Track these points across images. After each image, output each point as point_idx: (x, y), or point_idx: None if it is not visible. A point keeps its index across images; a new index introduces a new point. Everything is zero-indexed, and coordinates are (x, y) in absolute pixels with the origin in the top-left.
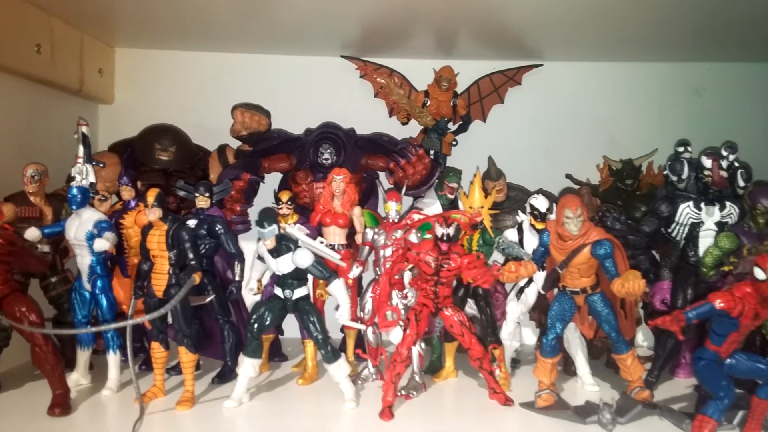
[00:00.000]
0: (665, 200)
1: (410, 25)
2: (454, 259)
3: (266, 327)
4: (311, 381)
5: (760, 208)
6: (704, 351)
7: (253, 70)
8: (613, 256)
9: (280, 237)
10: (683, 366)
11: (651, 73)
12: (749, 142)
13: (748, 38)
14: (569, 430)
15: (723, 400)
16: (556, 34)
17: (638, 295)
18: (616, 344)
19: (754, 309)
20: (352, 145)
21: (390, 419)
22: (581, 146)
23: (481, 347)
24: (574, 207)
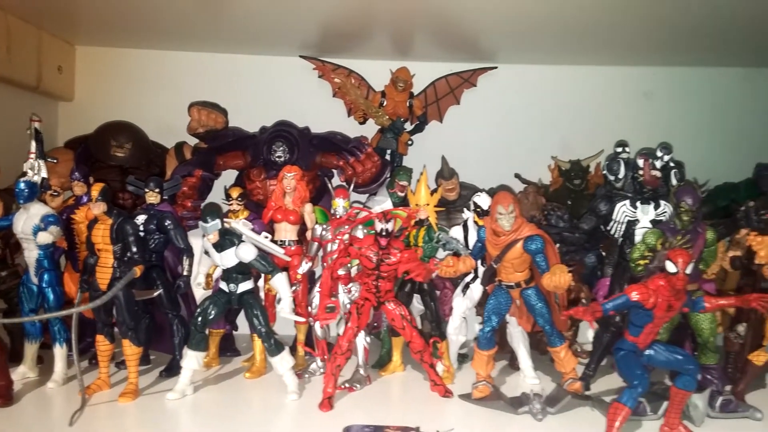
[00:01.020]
0: (603, 199)
1: (368, 27)
2: (394, 254)
3: (210, 321)
4: (258, 375)
5: (684, 206)
6: (623, 342)
7: (213, 68)
8: (544, 251)
9: (223, 232)
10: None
11: (601, 76)
12: (695, 144)
13: (693, 45)
14: (503, 419)
15: (637, 388)
16: (510, 38)
17: (565, 288)
18: (550, 337)
19: (667, 301)
20: (306, 144)
21: (329, 410)
22: (535, 147)
23: (422, 340)
24: (506, 203)
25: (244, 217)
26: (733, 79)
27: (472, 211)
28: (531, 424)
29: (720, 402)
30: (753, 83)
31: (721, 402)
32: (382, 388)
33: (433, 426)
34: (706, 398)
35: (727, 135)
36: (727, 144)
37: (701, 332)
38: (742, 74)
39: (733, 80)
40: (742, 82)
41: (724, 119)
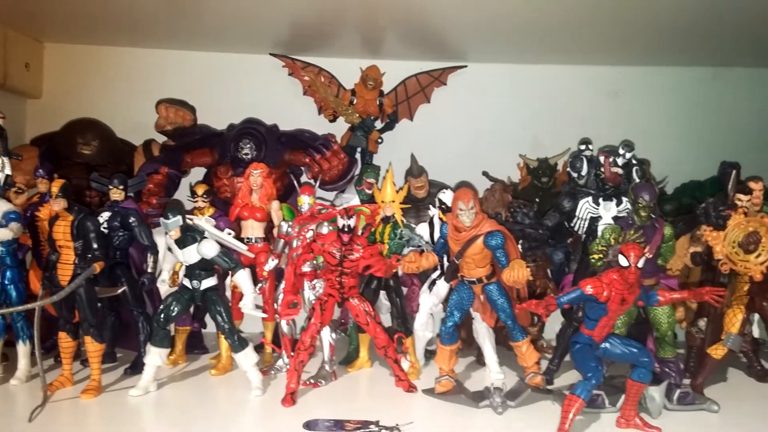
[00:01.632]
0: (567, 196)
1: (338, 25)
2: (356, 250)
3: (172, 317)
4: (224, 372)
5: (641, 202)
6: (579, 335)
7: (183, 66)
8: (504, 247)
9: (185, 228)
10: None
11: (570, 75)
12: (662, 142)
13: (661, 44)
14: (465, 413)
15: (591, 380)
16: (480, 37)
17: (523, 283)
18: (512, 332)
19: (620, 294)
20: (274, 141)
21: (291, 405)
22: (505, 145)
23: (386, 336)
24: (466, 200)
25: (209, 214)
26: (699, 78)
27: (437, 207)
28: (491, 418)
29: (677, 394)
30: (719, 82)
31: (678, 394)
32: (347, 384)
33: (393, 420)
34: (663, 391)
35: (694, 134)
36: (693, 142)
37: (659, 326)
38: (709, 73)
39: (700, 79)
40: (708, 81)
41: (691, 118)
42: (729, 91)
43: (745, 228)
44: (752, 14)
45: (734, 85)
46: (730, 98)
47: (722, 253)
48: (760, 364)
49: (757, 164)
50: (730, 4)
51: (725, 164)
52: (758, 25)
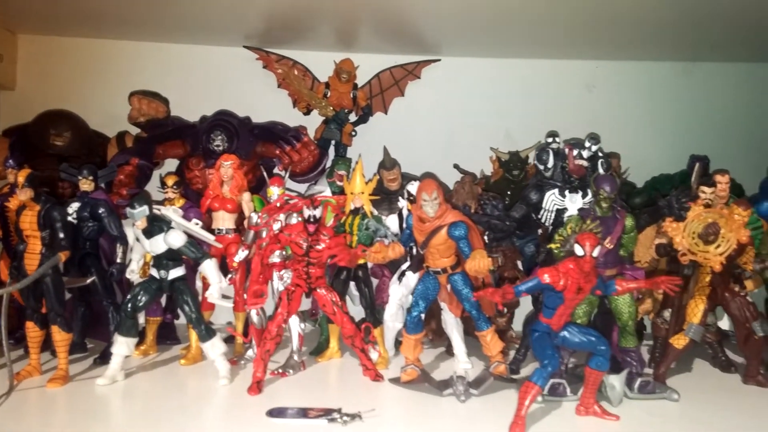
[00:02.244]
0: (534, 188)
1: (312, 18)
2: (323, 241)
3: (139, 307)
4: (194, 362)
5: (603, 193)
6: (538, 324)
7: (158, 58)
8: (468, 237)
9: (152, 218)
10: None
11: (545, 69)
12: (635, 135)
13: (635, 38)
14: (429, 401)
15: (547, 368)
16: (453, 31)
17: (485, 272)
18: (477, 321)
19: (576, 283)
20: (247, 133)
21: (257, 394)
22: (479, 139)
23: (352, 326)
24: (429, 190)
25: (180, 205)
26: (672, 72)
27: (406, 199)
28: (454, 405)
29: (638, 383)
30: (691, 77)
31: (639, 383)
32: (316, 374)
33: (357, 408)
34: (623, 379)
35: (666, 127)
36: (665, 136)
37: (620, 315)
38: (681, 68)
39: (673, 73)
40: (681, 75)
41: (662, 112)
42: (699, 85)
43: (704, 219)
44: (722, 10)
45: (705, 80)
46: (700, 92)
47: (682, 244)
48: (725, 355)
49: (726, 157)
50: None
51: (694, 158)
52: (728, 20)
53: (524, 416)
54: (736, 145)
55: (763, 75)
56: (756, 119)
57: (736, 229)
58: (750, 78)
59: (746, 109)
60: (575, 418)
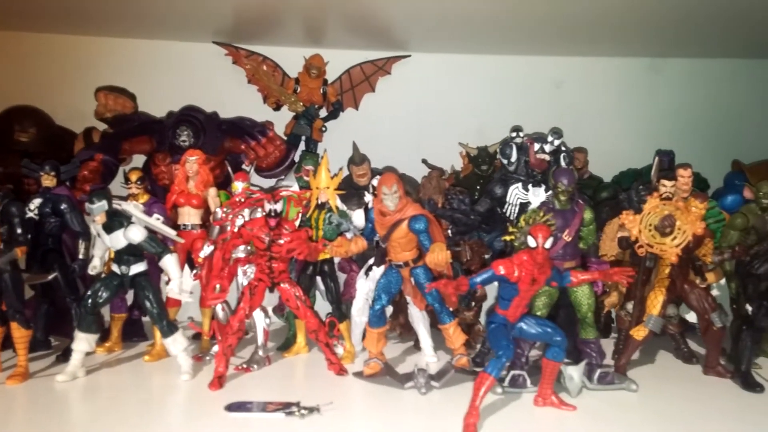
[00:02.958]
0: (498, 182)
1: (281, 14)
2: (285, 235)
3: (100, 303)
4: (158, 358)
5: (560, 186)
6: (495, 315)
7: (126, 54)
8: (428, 230)
9: (112, 213)
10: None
11: (514, 65)
12: (604, 131)
13: (602, 35)
14: (391, 394)
15: (501, 359)
16: (422, 27)
17: (443, 266)
18: (439, 315)
19: (530, 274)
20: (214, 129)
21: (217, 389)
22: (450, 134)
23: (316, 320)
24: (389, 184)
25: (144, 200)
26: (639, 68)
27: (371, 194)
28: (416, 398)
29: (598, 374)
30: (658, 73)
31: (598, 374)
32: (280, 369)
33: (317, 402)
34: (582, 370)
35: (634, 122)
36: (633, 131)
37: (580, 307)
38: (647, 64)
39: (640, 70)
40: (647, 71)
41: (630, 107)
42: (667, 81)
43: (660, 212)
44: (688, 7)
45: (672, 76)
46: (667, 88)
47: (639, 236)
48: (687, 346)
49: (692, 152)
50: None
51: (660, 152)
52: (694, 17)
53: (478, 406)
54: (702, 140)
55: (729, 71)
56: (722, 115)
57: (691, 222)
58: (716, 74)
59: (712, 104)
60: (533, 409)
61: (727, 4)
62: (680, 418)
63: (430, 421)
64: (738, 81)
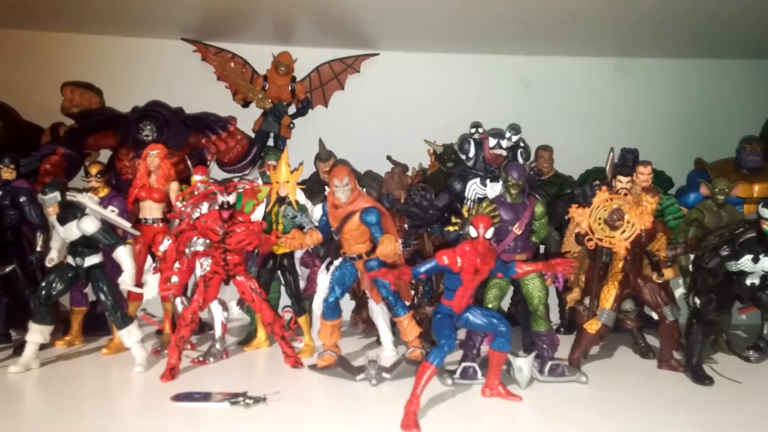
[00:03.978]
0: (457, 177)
1: (249, 11)
2: (238, 227)
3: (54, 295)
4: (116, 351)
5: (511, 180)
6: (441, 306)
7: (95, 51)
8: (380, 223)
9: (65, 205)
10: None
11: (482, 64)
12: (570, 130)
13: (570, 35)
14: (342, 386)
15: (443, 348)
16: (392, 25)
17: (392, 257)
18: (394, 307)
19: (473, 265)
20: (179, 124)
21: (169, 381)
22: (419, 132)
23: (271, 312)
24: (340, 176)
25: (104, 194)
26: (606, 68)
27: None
28: (367, 389)
29: (548, 367)
30: (625, 72)
31: (549, 366)
32: (237, 362)
33: (266, 392)
34: (531, 362)
35: (601, 121)
36: (600, 130)
37: (531, 300)
38: (614, 63)
39: (607, 69)
40: (614, 71)
41: (596, 106)
42: (631, 80)
43: (609, 205)
44: (653, 7)
45: (637, 75)
46: (633, 87)
47: (588, 229)
48: (645, 341)
49: (657, 151)
50: None
51: (624, 151)
52: (659, 17)
53: (419, 395)
54: (667, 138)
55: (694, 70)
56: (686, 114)
57: (639, 215)
58: (681, 73)
59: (677, 103)
60: (481, 400)
61: (692, 5)
62: (626, 410)
63: (376, 410)
64: (703, 80)
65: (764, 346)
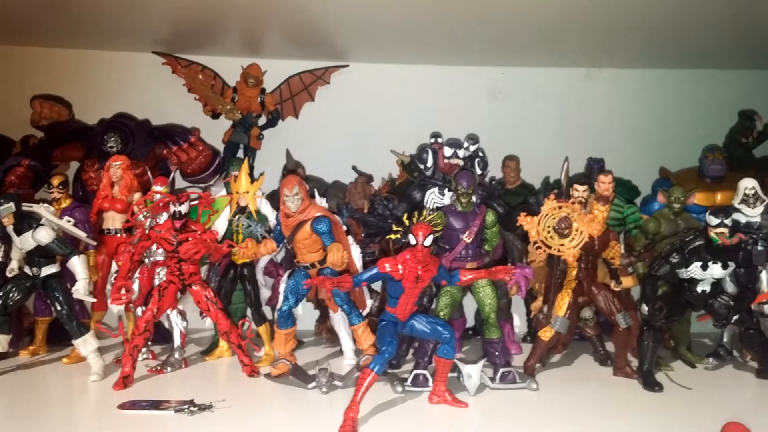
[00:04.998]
0: (416, 187)
1: (219, 23)
2: (192, 236)
3: (11, 305)
4: (77, 360)
5: (460, 188)
6: (385, 313)
7: (67, 64)
8: (331, 231)
9: (21, 215)
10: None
11: (450, 75)
12: (538, 140)
13: (537, 46)
14: (294, 394)
15: (384, 355)
16: (361, 37)
17: (340, 266)
18: (349, 316)
19: (414, 272)
20: (144, 135)
21: (121, 389)
22: (389, 143)
23: (227, 321)
24: (290, 186)
25: (66, 204)
26: (575, 78)
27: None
28: (318, 397)
29: (500, 374)
30: (593, 82)
31: (501, 374)
32: (196, 371)
33: (215, 399)
34: (480, 369)
35: (570, 131)
36: (569, 140)
37: (482, 308)
38: (582, 74)
39: (576, 79)
40: (583, 81)
41: (564, 116)
42: (600, 90)
43: (557, 213)
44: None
45: (605, 85)
46: (600, 97)
47: (536, 237)
48: (604, 349)
49: (624, 160)
50: (599, 7)
51: (591, 160)
52: (627, 27)
53: (359, 401)
54: (634, 147)
55: (661, 80)
56: (653, 123)
57: (588, 223)
58: (649, 83)
59: (645, 113)
60: (429, 407)
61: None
62: (573, 417)
63: (322, 418)
64: (670, 90)
65: (723, 354)
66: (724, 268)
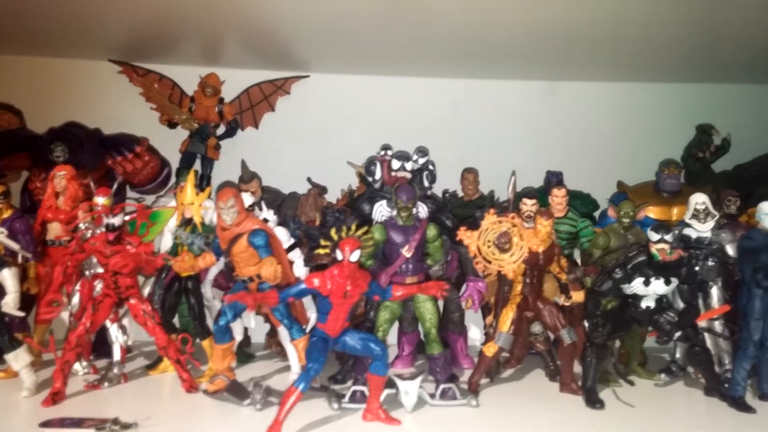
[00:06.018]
0: (366, 200)
1: (178, 32)
2: (122, 248)
3: None
4: (14, 375)
5: (399, 203)
6: (315, 330)
7: (19, 71)
8: (267, 245)
9: None
10: (402, 358)
11: (411, 87)
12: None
13: (498, 58)
14: (229, 410)
15: (309, 372)
16: (322, 48)
17: (273, 280)
18: (289, 330)
19: (343, 288)
20: (94, 144)
21: (50, 406)
22: (349, 154)
23: (165, 336)
24: (225, 198)
25: (7, 215)
26: (536, 91)
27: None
28: (252, 414)
29: (440, 390)
30: (554, 96)
31: (441, 390)
32: (136, 386)
33: (141, 416)
34: (417, 385)
35: (530, 143)
36: (530, 152)
37: (423, 323)
38: (546, 87)
39: (537, 93)
40: (544, 94)
41: (528, 128)
42: (561, 103)
43: (497, 228)
44: (582, 33)
45: (565, 98)
46: (561, 110)
47: (476, 252)
48: (555, 364)
49: (583, 173)
50: (561, 22)
51: (549, 173)
52: (588, 42)
53: (282, 420)
54: (593, 160)
55: (621, 94)
56: (613, 136)
57: (529, 237)
58: (608, 97)
59: (604, 126)
60: (363, 424)
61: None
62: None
63: None
64: (630, 104)
65: (676, 370)
66: (667, 284)
